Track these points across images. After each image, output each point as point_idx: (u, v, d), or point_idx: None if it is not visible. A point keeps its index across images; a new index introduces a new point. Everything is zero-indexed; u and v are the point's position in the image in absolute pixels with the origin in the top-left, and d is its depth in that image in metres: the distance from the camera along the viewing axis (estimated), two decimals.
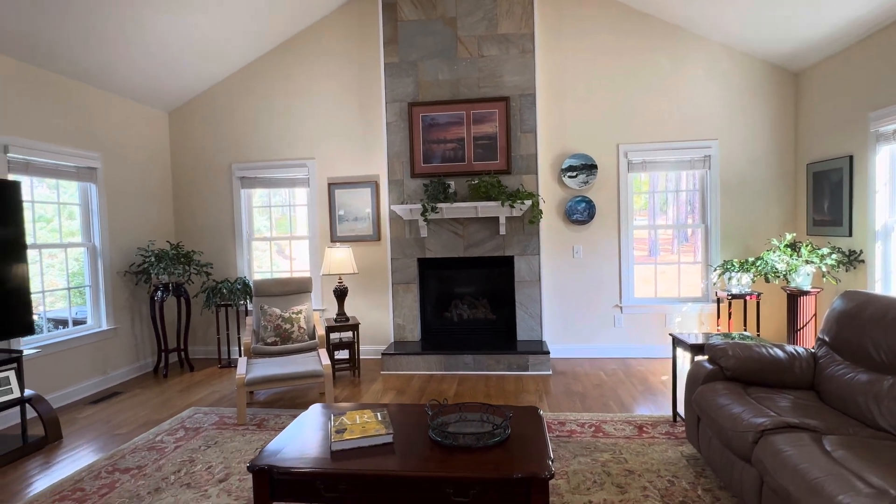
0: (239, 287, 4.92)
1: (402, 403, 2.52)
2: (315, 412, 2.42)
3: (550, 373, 4.38)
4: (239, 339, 5.20)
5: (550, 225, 4.89)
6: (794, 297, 4.04)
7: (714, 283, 4.74)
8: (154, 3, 3.73)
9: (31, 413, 3.59)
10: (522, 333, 4.74)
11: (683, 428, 3.10)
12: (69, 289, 4.25)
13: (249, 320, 4.26)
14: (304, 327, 4.23)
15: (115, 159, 4.57)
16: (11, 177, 3.64)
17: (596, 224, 4.84)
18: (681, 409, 3.27)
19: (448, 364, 4.48)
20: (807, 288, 4.00)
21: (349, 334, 4.95)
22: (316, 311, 4.80)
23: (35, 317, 3.50)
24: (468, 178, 4.70)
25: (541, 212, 4.59)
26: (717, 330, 4.57)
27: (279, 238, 5.39)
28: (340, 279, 4.64)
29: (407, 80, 4.75)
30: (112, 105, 4.56)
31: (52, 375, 3.90)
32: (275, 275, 5.39)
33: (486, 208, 4.52)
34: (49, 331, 4.06)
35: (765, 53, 4.49)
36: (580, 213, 4.79)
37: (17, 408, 3.51)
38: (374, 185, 5.00)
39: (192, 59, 4.62)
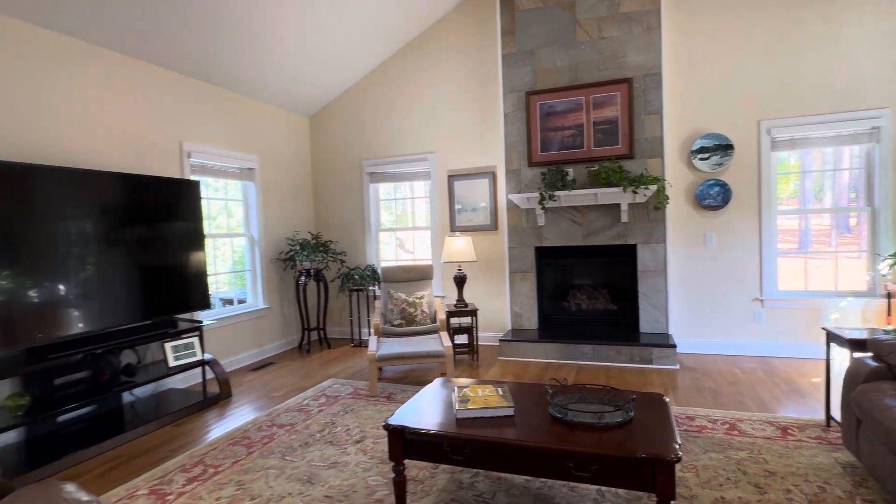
0: (368, 273, 5.36)
1: (521, 382, 2.59)
2: (439, 385, 2.59)
3: (677, 367, 4.14)
4: (369, 321, 5.67)
5: (678, 211, 4.59)
6: None
7: (884, 276, 4.09)
8: (298, 23, 4.22)
9: (209, 374, 4.31)
10: (646, 325, 4.53)
11: (839, 434, 2.76)
12: (233, 273, 4.99)
13: (378, 304, 4.64)
14: (427, 311, 4.49)
15: (267, 160, 5.25)
16: (192, 178, 4.37)
17: (732, 209, 4.44)
18: (836, 413, 2.90)
19: (566, 353, 4.45)
20: None
21: (468, 320, 5.14)
22: (437, 297, 5.06)
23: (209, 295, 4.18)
24: (587, 164, 4.60)
25: (667, 197, 4.34)
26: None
27: (401, 229, 5.76)
28: (460, 267, 4.83)
29: (524, 70, 4.78)
30: (265, 113, 5.24)
31: (223, 345, 4.62)
32: (399, 263, 5.78)
33: (607, 195, 4.39)
34: (219, 308, 4.82)
35: None
36: (713, 197, 4.43)
37: (199, 369, 4.25)
38: (492, 175, 5.11)
39: (328, 69, 5.12)
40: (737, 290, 4.47)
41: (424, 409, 2.24)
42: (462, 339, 4.93)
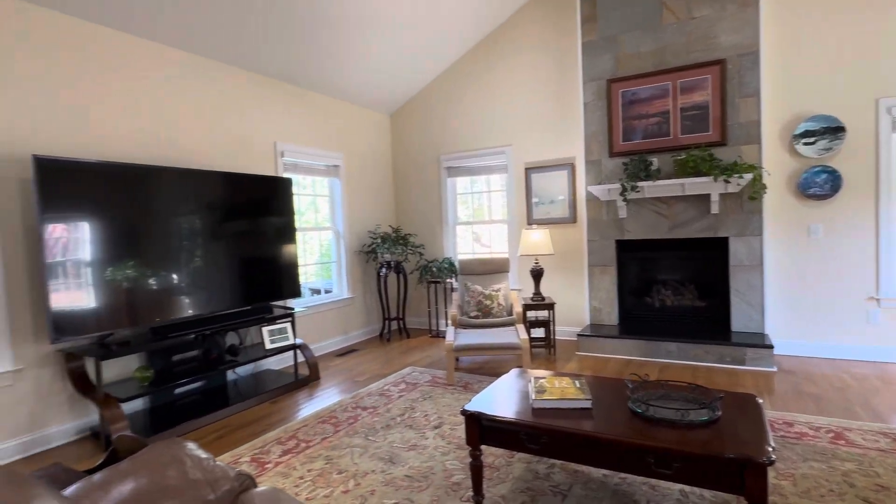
0: (446, 266, 5.48)
1: (599, 376, 2.55)
2: (515, 375, 2.62)
3: (774, 370, 3.84)
4: (446, 312, 5.80)
5: (777, 201, 4.23)
6: None
7: None
8: (378, 25, 4.39)
9: (300, 358, 4.64)
10: (738, 324, 4.24)
11: None
12: (320, 264, 5.32)
13: (455, 296, 4.73)
14: (503, 304, 4.52)
15: (351, 158, 5.52)
16: (285, 175, 4.71)
17: (842, 198, 4.02)
18: None
19: (648, 350, 4.28)
20: None
21: (545, 313, 5.10)
22: (513, 290, 5.07)
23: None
24: (673, 153, 4.37)
25: (764, 186, 4.02)
26: None
27: (478, 223, 5.81)
28: (537, 260, 4.80)
29: (605, 58, 4.63)
30: (349, 112, 5.51)
31: (311, 331, 4.95)
32: (476, 256, 5.84)
33: (695, 185, 4.15)
34: (308, 297, 5.17)
35: None
36: (819, 185, 4.04)
37: (291, 352, 4.59)
38: (570, 167, 5.01)
39: (407, 68, 5.27)
40: (846, 288, 4.05)
41: (501, 398, 2.28)
42: (538, 332, 4.89)
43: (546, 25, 5.08)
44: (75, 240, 2.88)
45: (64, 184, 2.83)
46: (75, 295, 2.87)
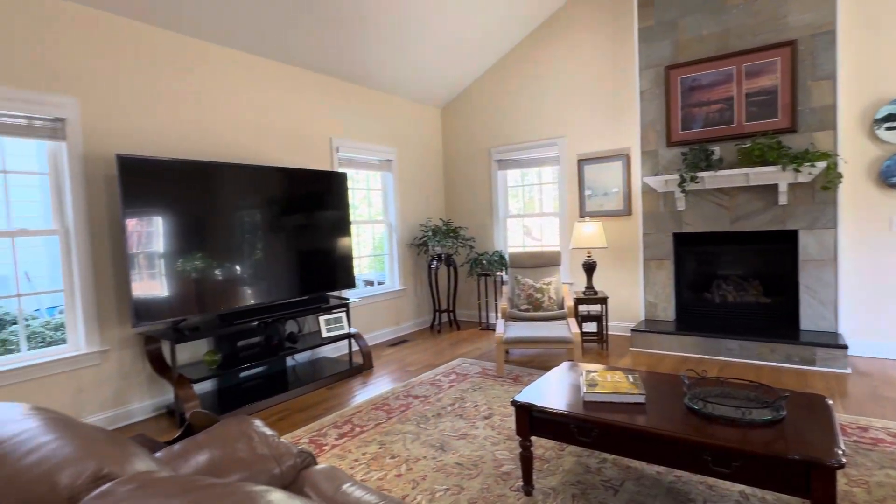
0: (496, 259, 5.48)
1: (654, 371, 2.49)
2: (566, 368, 2.60)
3: (848, 371, 3.59)
4: (496, 304, 5.80)
5: (854, 191, 3.94)
6: None
7: None
8: (431, 19, 4.43)
9: (354, 346, 4.81)
10: (808, 323, 3.99)
11: None
12: (373, 256, 5.46)
13: (505, 288, 4.73)
14: (554, 298, 4.48)
15: (403, 152, 5.62)
16: (340, 170, 4.86)
17: None
18: None
19: (708, 348, 4.11)
20: None
21: (597, 307, 5.00)
22: (564, 283, 5.00)
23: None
24: (737, 141, 4.15)
25: (839, 175, 3.75)
26: None
27: (529, 215, 5.76)
28: (589, 254, 4.71)
29: (663, 43, 4.45)
30: (401, 107, 5.60)
31: (365, 321, 5.10)
32: (527, 249, 5.80)
33: (761, 174, 3.93)
34: (362, 288, 5.32)
35: None
36: None
37: (346, 341, 4.75)
38: (625, 157, 4.87)
39: (459, 61, 5.29)
40: None
41: (551, 390, 2.27)
42: (590, 327, 4.81)
43: (600, 12, 4.94)
44: (151, 233, 3.12)
45: (142, 180, 3.07)
46: (152, 283, 3.11)
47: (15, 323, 4.82)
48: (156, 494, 0.57)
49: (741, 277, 4.45)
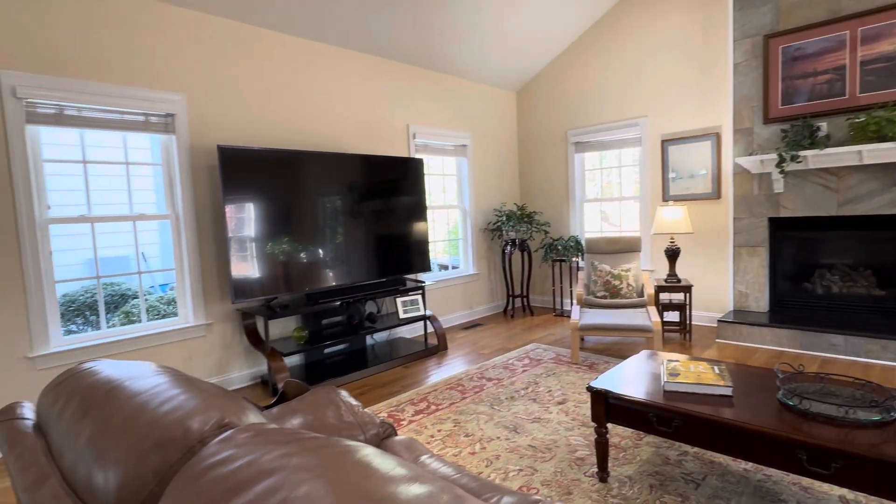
0: (572, 244, 5.37)
1: (742, 364, 2.35)
2: (645, 356, 2.53)
3: None
4: (571, 291, 5.70)
5: None
6: None
7: None
8: (502, 4, 4.37)
9: (429, 328, 4.95)
10: None
11: None
12: (448, 241, 5.56)
13: (581, 275, 4.63)
14: (633, 285, 4.32)
15: (478, 137, 5.63)
16: (416, 156, 4.97)
17: None
18: None
19: (806, 342, 3.79)
20: None
21: (680, 296, 4.77)
22: (644, 270, 4.81)
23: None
24: (849, 115, 3.74)
25: None
26: None
27: (607, 199, 5.57)
28: (672, 239, 4.49)
29: (762, 10, 4.08)
30: (476, 92, 5.60)
31: (439, 304, 5.23)
32: (604, 234, 5.62)
33: (878, 152, 3.51)
34: (437, 272, 5.44)
35: None
36: None
37: (421, 323, 4.90)
38: (715, 137, 4.55)
39: (534, 43, 5.18)
40: None
41: (629, 378, 2.23)
42: (672, 316, 4.60)
43: None
44: (245, 218, 3.39)
45: (238, 169, 3.34)
46: (247, 265, 3.40)
47: (136, 297, 5.46)
48: (269, 442, 0.66)
49: (850, 267, 4.03)
